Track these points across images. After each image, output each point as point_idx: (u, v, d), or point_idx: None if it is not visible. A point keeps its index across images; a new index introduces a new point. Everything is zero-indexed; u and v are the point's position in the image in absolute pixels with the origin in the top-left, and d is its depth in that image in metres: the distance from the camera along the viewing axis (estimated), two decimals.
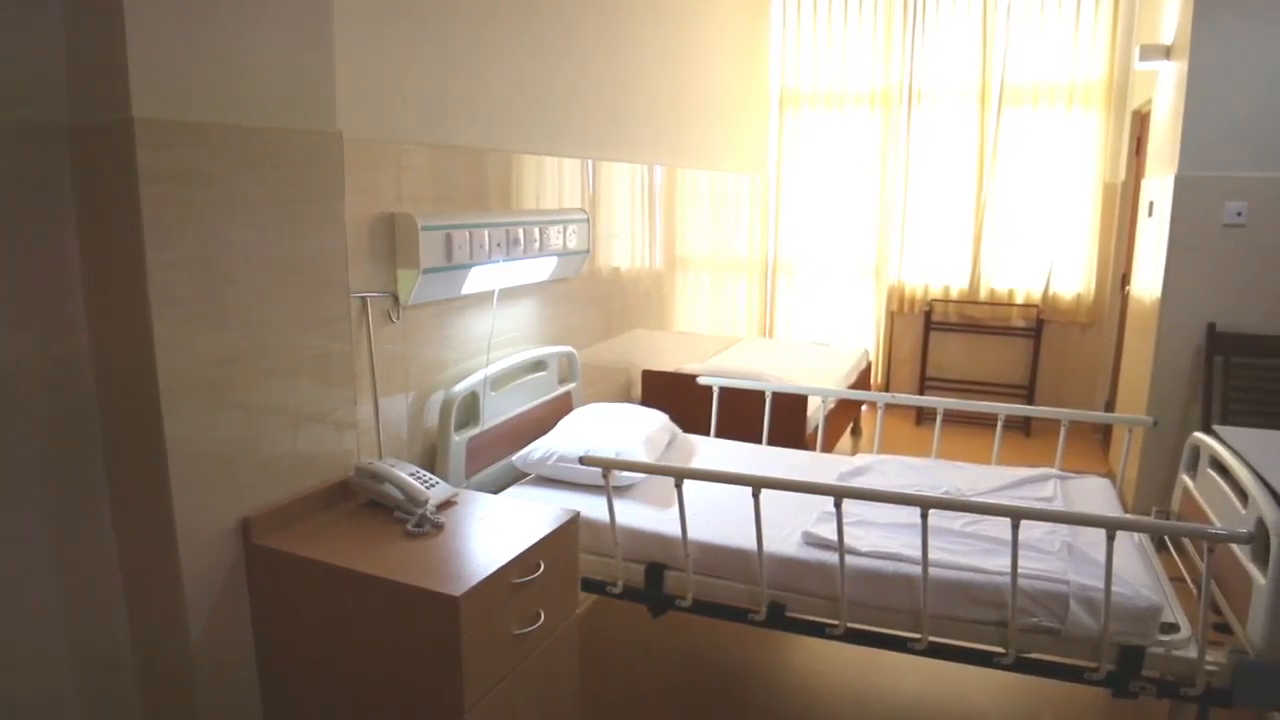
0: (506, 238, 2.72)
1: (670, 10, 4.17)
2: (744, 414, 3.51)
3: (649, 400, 3.80)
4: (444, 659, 1.69)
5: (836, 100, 5.96)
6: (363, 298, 2.27)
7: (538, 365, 3.07)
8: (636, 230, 3.95)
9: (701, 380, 3.53)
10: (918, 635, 2.23)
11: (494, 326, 2.83)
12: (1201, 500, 2.56)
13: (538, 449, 2.78)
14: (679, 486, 2.32)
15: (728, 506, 2.52)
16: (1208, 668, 2.05)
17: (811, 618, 2.35)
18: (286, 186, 1.88)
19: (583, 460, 2.45)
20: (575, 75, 3.31)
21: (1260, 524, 2.04)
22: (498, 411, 2.82)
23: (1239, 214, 3.77)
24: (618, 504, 2.49)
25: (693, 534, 2.38)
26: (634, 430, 2.89)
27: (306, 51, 1.92)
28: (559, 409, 3.12)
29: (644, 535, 2.49)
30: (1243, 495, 2.23)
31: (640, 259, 4.02)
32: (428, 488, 2.04)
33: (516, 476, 2.84)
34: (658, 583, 2.47)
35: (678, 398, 3.64)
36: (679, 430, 3.28)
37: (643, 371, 3.86)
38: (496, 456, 2.81)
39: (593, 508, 2.49)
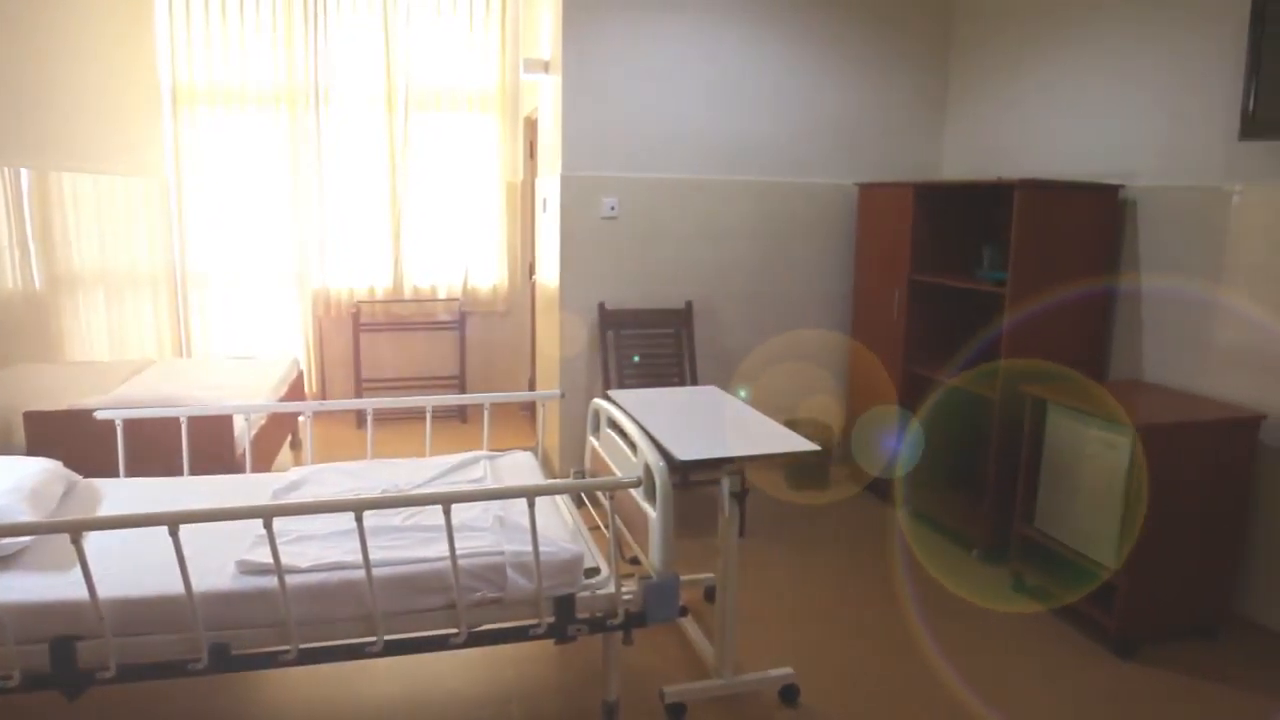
0: None
1: None
2: (162, 446, 3.17)
3: (36, 448, 3.20)
4: None
5: (238, 99, 5.62)
6: None
7: None
8: (1, 246, 3.30)
9: (100, 414, 3.07)
10: (373, 638, 2.24)
11: None
12: (605, 456, 2.97)
13: None
14: (77, 542, 2.00)
15: (146, 553, 2.24)
16: (624, 597, 2.41)
17: (261, 650, 2.22)
18: None
19: None
20: None
21: (647, 469, 2.44)
22: None
23: (612, 208, 4.45)
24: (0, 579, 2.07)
25: (105, 592, 2.07)
26: (10, 487, 2.43)
27: None
28: None
29: (41, 609, 2.10)
30: (634, 446, 2.63)
31: (10, 280, 3.37)
32: None
33: None
34: (68, 659, 2.10)
35: (76, 440, 3.14)
36: (78, 477, 2.84)
37: (25, 414, 3.24)
38: None
39: None
